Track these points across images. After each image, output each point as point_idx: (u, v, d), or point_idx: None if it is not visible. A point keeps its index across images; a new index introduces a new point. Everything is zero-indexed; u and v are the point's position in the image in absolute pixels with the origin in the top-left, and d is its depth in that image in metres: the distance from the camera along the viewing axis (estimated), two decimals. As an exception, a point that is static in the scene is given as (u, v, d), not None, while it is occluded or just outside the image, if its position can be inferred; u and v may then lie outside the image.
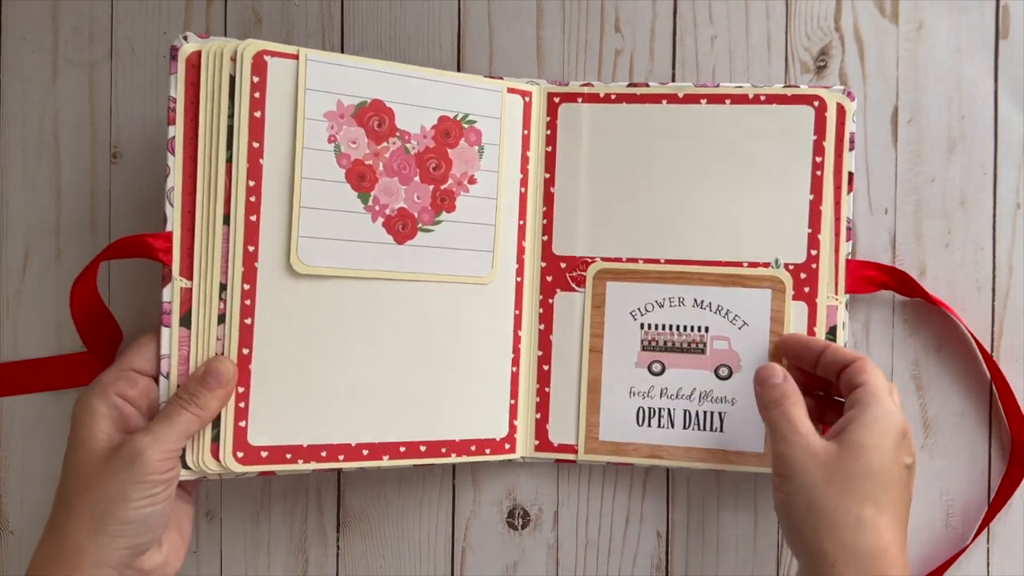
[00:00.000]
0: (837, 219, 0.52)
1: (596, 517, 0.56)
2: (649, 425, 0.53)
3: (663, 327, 0.52)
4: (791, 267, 0.52)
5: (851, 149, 0.52)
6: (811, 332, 0.52)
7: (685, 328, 0.52)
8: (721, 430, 0.52)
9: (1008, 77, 0.55)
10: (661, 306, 0.52)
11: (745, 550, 0.55)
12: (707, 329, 0.52)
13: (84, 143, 0.56)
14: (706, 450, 0.52)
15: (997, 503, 0.53)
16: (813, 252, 0.52)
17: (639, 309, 0.52)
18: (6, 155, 0.55)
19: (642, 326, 0.52)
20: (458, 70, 0.56)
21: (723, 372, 0.52)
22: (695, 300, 0.52)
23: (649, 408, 0.53)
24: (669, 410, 0.53)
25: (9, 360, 0.55)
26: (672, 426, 0.53)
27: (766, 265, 0.52)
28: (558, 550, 0.56)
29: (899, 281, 0.53)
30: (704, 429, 0.52)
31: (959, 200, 0.55)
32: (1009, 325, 0.54)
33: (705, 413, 0.52)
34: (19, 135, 0.56)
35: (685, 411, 0.53)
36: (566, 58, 0.56)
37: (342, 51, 0.56)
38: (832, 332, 0.52)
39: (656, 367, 0.53)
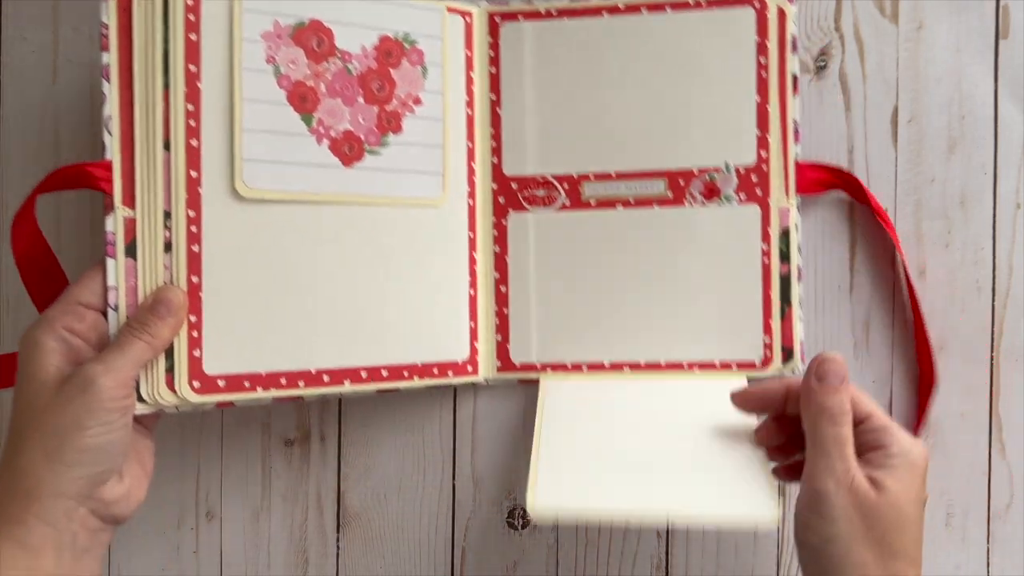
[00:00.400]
0: (784, 120, 0.52)
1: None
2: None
3: None
4: (742, 170, 0.52)
5: (794, 51, 0.52)
6: (765, 235, 0.52)
7: None
8: None
9: (1008, 77, 0.55)
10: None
11: (745, 550, 0.55)
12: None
13: (84, 143, 0.55)
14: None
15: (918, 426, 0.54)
16: (763, 153, 0.52)
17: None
18: (6, 155, 0.55)
19: None
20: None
21: None
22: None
23: None
24: None
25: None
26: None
27: (717, 170, 0.52)
28: (558, 550, 0.56)
29: (848, 183, 0.53)
30: None
31: (959, 200, 0.55)
32: (1009, 325, 0.54)
33: None
34: (19, 135, 0.56)
35: None
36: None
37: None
38: (785, 234, 0.52)
39: None
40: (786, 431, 0.46)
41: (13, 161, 0.55)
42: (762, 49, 0.52)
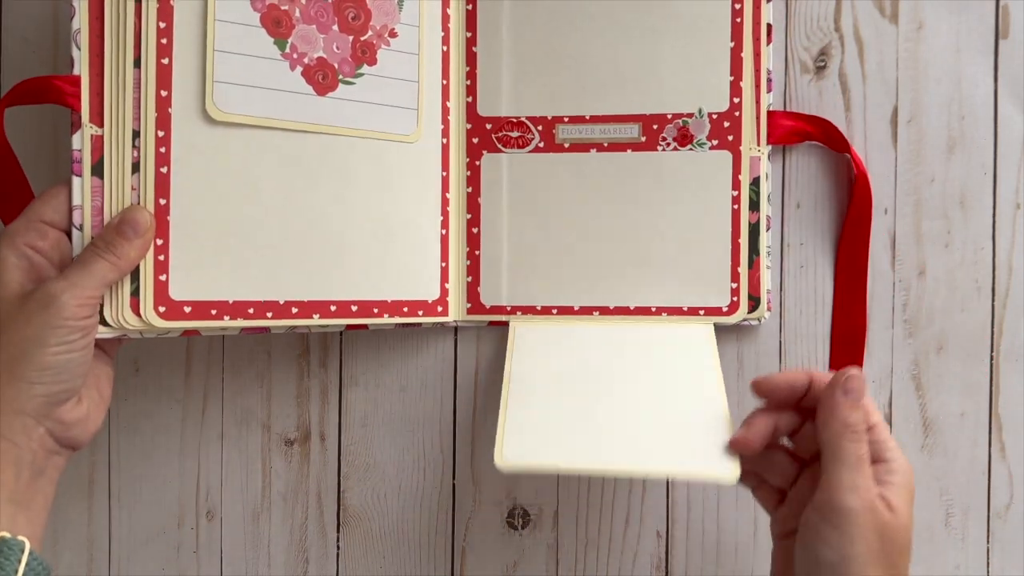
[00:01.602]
0: (757, 69, 0.53)
1: (596, 517, 0.56)
2: None
3: None
4: (714, 116, 0.53)
5: (768, 0, 0.52)
6: (736, 183, 0.52)
7: None
8: None
9: (1008, 77, 0.55)
10: None
11: (745, 550, 0.55)
12: None
13: (84, 143, 0.55)
14: None
15: None
16: (736, 100, 0.52)
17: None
18: (6, 155, 0.55)
19: None
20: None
21: None
22: None
23: None
24: None
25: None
26: None
27: (690, 115, 0.53)
28: (558, 550, 0.56)
29: (822, 130, 0.54)
30: None
31: (959, 200, 0.55)
32: (1009, 325, 0.54)
33: None
34: (19, 136, 0.55)
35: None
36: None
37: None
38: (756, 183, 0.52)
39: None
40: (787, 425, 0.45)
41: (13, 161, 0.55)
42: None
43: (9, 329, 0.41)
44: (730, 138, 0.52)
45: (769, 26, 0.53)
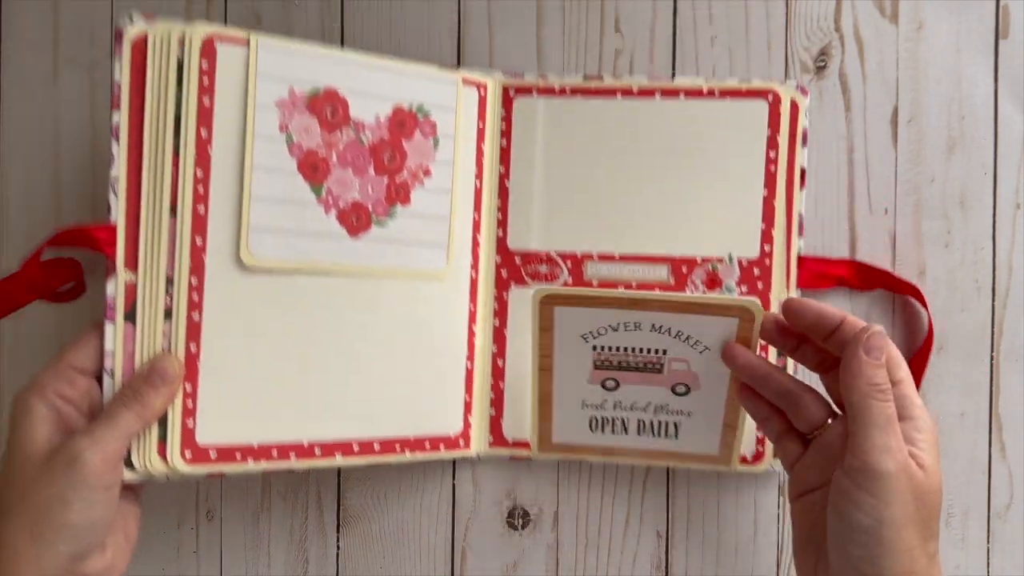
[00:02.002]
0: (789, 215, 0.52)
1: (596, 517, 0.56)
2: (603, 431, 0.52)
3: (617, 348, 0.49)
4: (744, 262, 0.52)
5: (804, 145, 0.52)
6: None
7: (641, 350, 0.49)
8: (676, 437, 0.52)
9: (1008, 77, 0.55)
10: (615, 329, 0.48)
11: (745, 550, 0.55)
12: (665, 351, 0.48)
13: (85, 143, 0.56)
14: (660, 452, 0.52)
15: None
16: (767, 247, 0.52)
17: (591, 332, 0.49)
18: (6, 155, 0.55)
19: (594, 347, 0.49)
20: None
21: (680, 390, 0.50)
22: (652, 325, 0.47)
23: (602, 418, 0.52)
24: (623, 419, 0.52)
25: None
26: (626, 432, 0.52)
27: (720, 260, 0.52)
28: (558, 550, 0.56)
29: (855, 273, 0.53)
30: (658, 436, 0.52)
31: (959, 200, 0.55)
32: (1009, 325, 0.54)
33: (660, 423, 0.52)
34: (19, 135, 0.56)
35: (639, 420, 0.52)
36: (566, 58, 0.56)
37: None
38: None
39: (610, 383, 0.51)
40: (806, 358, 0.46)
41: (13, 161, 0.55)
42: (772, 143, 0.52)
43: (34, 489, 0.41)
44: (759, 285, 0.52)
45: (803, 170, 0.52)
